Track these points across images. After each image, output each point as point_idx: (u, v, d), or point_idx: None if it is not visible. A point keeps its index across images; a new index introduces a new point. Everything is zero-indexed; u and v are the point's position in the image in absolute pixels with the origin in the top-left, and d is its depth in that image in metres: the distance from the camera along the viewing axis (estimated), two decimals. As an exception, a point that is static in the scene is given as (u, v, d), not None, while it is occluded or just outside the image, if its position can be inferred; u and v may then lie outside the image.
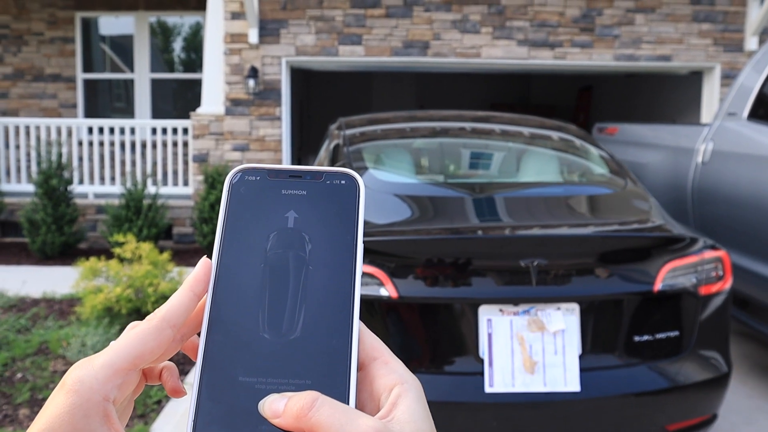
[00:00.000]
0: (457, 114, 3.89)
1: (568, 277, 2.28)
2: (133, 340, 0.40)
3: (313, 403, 0.36)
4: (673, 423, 2.32)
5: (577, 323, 2.23)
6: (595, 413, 2.23)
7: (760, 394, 3.54)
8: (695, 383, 2.34)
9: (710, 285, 2.41)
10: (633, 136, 5.16)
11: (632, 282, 2.32)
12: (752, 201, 3.48)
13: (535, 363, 2.17)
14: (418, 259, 2.29)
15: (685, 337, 2.38)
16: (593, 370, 2.22)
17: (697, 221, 4.10)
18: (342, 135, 3.30)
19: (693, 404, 2.38)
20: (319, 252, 0.42)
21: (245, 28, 6.96)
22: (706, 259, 2.42)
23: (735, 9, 7.16)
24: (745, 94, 3.90)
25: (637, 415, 2.28)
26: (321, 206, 0.44)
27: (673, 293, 2.34)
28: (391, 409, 0.38)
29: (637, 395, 2.25)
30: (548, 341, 2.19)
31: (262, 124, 7.10)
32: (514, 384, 2.16)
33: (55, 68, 8.91)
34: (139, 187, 6.63)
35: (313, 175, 0.45)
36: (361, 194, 0.44)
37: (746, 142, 3.69)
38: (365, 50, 7.00)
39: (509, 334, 2.19)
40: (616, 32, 7.14)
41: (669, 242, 2.42)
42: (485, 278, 2.27)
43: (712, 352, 2.44)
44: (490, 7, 7.04)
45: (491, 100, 12.82)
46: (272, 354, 0.39)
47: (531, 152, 3.35)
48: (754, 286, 3.51)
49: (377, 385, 0.39)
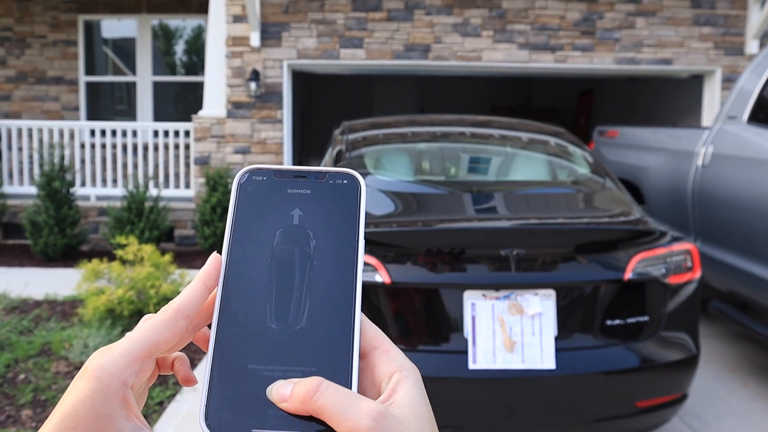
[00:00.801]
0: (455, 119, 4.04)
1: (545, 266, 2.51)
2: (150, 330, 0.42)
3: (318, 387, 0.38)
4: (643, 400, 2.50)
5: (553, 307, 2.44)
6: (569, 389, 2.44)
7: (762, 397, 3.55)
8: (663, 364, 2.54)
9: (679, 275, 2.61)
10: (633, 139, 5.17)
11: (604, 271, 2.53)
12: (752, 204, 3.50)
13: (515, 343, 2.38)
14: (409, 248, 2.52)
15: (655, 322, 2.56)
16: (568, 350, 2.43)
17: (698, 224, 4.11)
18: (345, 140, 3.47)
19: (662, 383, 2.56)
20: (323, 247, 0.44)
21: (247, 32, 6.99)
22: (674, 251, 2.61)
23: (736, 12, 7.18)
24: (744, 97, 3.91)
25: (609, 392, 2.49)
26: (324, 204, 0.46)
27: (642, 281, 2.54)
28: (391, 394, 0.40)
29: (608, 373, 2.46)
30: (526, 323, 2.40)
31: (264, 127, 7.12)
32: (495, 361, 2.37)
33: (58, 71, 8.94)
34: (140, 190, 6.65)
35: (317, 175, 0.47)
36: (362, 193, 0.47)
37: (746, 146, 3.70)
38: (366, 53, 7.03)
39: (491, 316, 2.40)
40: (617, 36, 7.16)
41: (639, 235, 2.62)
42: (470, 266, 2.49)
43: (681, 336, 2.63)
44: (491, 10, 7.06)
45: (492, 103, 12.84)
46: (279, 343, 0.42)
47: (519, 155, 3.58)
48: (754, 288, 3.52)
49: (378, 372, 0.42)
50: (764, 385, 3.70)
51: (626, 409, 2.51)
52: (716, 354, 4.19)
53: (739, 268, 3.63)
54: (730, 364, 4.03)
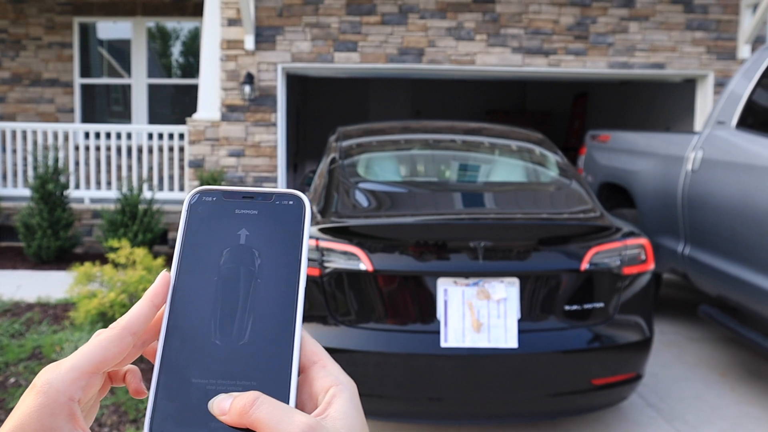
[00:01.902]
0: (443, 125, 4.27)
1: (510, 256, 2.80)
2: (97, 347, 0.44)
3: (254, 402, 0.40)
4: (598, 378, 2.78)
5: (516, 293, 2.73)
6: (529, 366, 2.73)
7: (749, 401, 3.57)
8: (616, 345, 2.84)
9: (633, 266, 2.89)
10: (624, 143, 5.20)
11: (563, 261, 2.82)
12: (739, 209, 3.52)
13: (482, 324, 2.67)
14: (390, 240, 2.83)
15: (610, 308, 2.86)
16: (529, 332, 2.73)
17: (687, 228, 4.13)
18: (338, 147, 3.69)
19: (616, 363, 2.84)
20: (268, 266, 0.46)
21: (241, 35, 7.01)
22: (629, 245, 2.90)
23: (728, 17, 7.21)
24: (733, 102, 3.94)
25: (566, 369, 2.78)
26: (270, 225, 0.48)
27: (598, 271, 2.83)
28: (326, 408, 0.42)
29: (565, 352, 2.75)
30: (492, 307, 2.69)
31: (258, 130, 7.13)
32: (464, 340, 2.67)
33: (53, 73, 8.94)
34: (134, 193, 6.65)
35: (264, 196, 0.49)
36: (306, 214, 0.48)
37: (734, 151, 3.73)
38: (361, 57, 7.05)
39: (461, 301, 2.69)
40: (610, 40, 7.19)
41: (595, 230, 2.90)
42: (443, 256, 2.78)
43: (634, 321, 2.91)
44: (485, 14, 7.09)
45: (487, 107, 12.88)
46: (223, 358, 0.43)
47: (497, 159, 3.92)
48: (742, 293, 3.54)
49: (316, 386, 0.44)
50: (752, 390, 3.72)
51: (582, 386, 2.78)
52: (705, 358, 4.22)
53: (728, 273, 3.65)
54: (719, 368, 4.05)
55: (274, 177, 7.22)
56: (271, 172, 7.20)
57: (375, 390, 2.71)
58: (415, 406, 2.76)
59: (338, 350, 2.72)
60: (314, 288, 2.80)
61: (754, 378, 3.90)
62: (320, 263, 2.77)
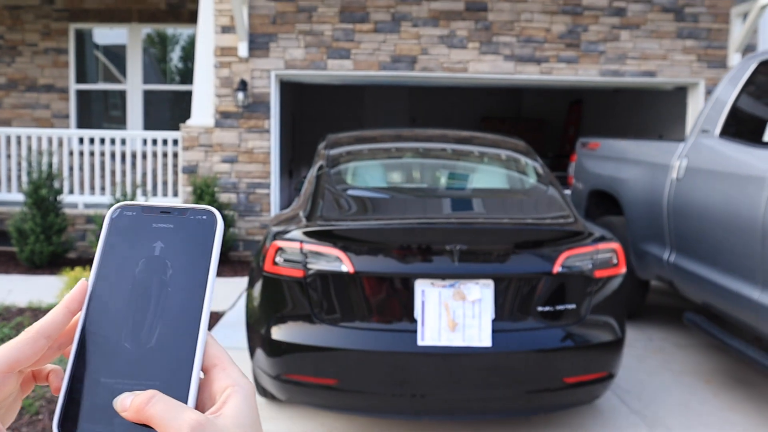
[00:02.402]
0: (433, 134, 4.39)
1: (484, 259, 2.92)
2: (11, 348, 0.47)
3: (150, 399, 0.43)
4: (571, 377, 2.89)
5: (491, 295, 2.83)
6: (503, 364, 2.83)
7: (731, 407, 3.59)
8: (588, 345, 2.94)
9: (604, 270, 3.00)
10: (613, 151, 5.23)
11: (535, 264, 2.92)
12: (722, 217, 3.55)
13: (457, 324, 2.78)
14: (370, 243, 2.95)
15: (581, 309, 2.96)
16: (503, 332, 2.83)
17: (672, 236, 4.17)
18: (326, 155, 3.80)
19: (587, 362, 2.94)
20: (178, 276, 0.50)
21: (235, 42, 7.05)
22: (600, 249, 3.00)
23: (718, 26, 7.27)
24: (717, 111, 3.98)
25: (539, 368, 2.88)
26: (184, 238, 0.51)
27: (570, 275, 2.94)
28: (221, 406, 0.45)
29: (538, 351, 2.86)
30: (468, 308, 2.80)
31: (251, 137, 7.17)
32: (440, 339, 2.78)
33: (49, 79, 8.98)
34: (128, 198, 6.68)
35: (180, 212, 0.53)
36: (218, 228, 0.52)
37: (717, 160, 3.76)
38: (354, 64, 7.09)
39: (438, 301, 2.81)
40: (601, 48, 7.24)
41: (568, 235, 3.01)
42: (421, 258, 2.90)
43: (606, 322, 3.01)
44: (477, 22, 7.14)
45: (482, 114, 12.93)
46: (131, 360, 0.47)
47: (479, 167, 4.06)
48: (725, 300, 3.57)
49: (215, 387, 0.47)
50: (736, 396, 3.74)
51: (555, 384, 2.88)
52: (691, 365, 4.24)
53: (711, 281, 3.68)
54: (705, 374, 4.08)
55: (268, 183, 7.25)
56: (264, 178, 7.23)
57: (356, 386, 2.83)
58: (394, 401, 2.87)
59: (321, 348, 2.83)
60: (298, 289, 2.89)
61: (739, 385, 3.92)
62: (304, 265, 2.87)
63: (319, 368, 2.85)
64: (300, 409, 3.44)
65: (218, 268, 6.78)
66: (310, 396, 2.92)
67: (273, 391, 3.04)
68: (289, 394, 2.95)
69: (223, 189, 7.18)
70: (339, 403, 2.92)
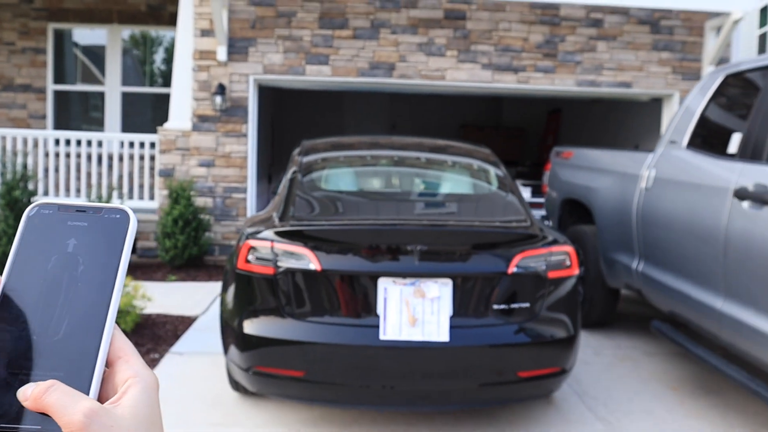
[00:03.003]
0: (403, 141, 4.57)
1: (443, 259, 3.09)
2: None
3: (48, 389, 0.45)
4: (524, 371, 3.04)
5: (449, 293, 2.98)
6: (459, 358, 2.99)
7: (695, 415, 3.64)
8: (541, 342, 3.11)
9: (558, 271, 3.15)
10: (586, 160, 5.29)
11: (491, 265, 3.08)
12: (687, 227, 3.61)
13: (416, 319, 2.94)
14: (336, 242, 3.13)
15: (535, 307, 3.11)
16: (460, 327, 2.98)
17: (641, 245, 4.22)
18: (300, 160, 3.94)
19: (540, 358, 3.11)
20: (88, 272, 0.52)
21: (214, 46, 7.04)
22: (554, 251, 3.16)
23: (693, 39, 7.39)
24: (685, 123, 4.05)
25: (494, 362, 3.06)
26: (97, 235, 0.53)
27: (524, 275, 3.09)
28: (121, 396, 0.47)
29: (492, 346, 3.03)
30: (427, 305, 2.95)
31: (229, 141, 7.15)
32: (400, 334, 2.93)
33: (26, 78, 8.89)
34: (103, 200, 6.62)
35: (95, 210, 0.54)
36: (130, 227, 0.54)
37: (683, 170, 3.83)
38: (332, 70, 7.11)
39: (399, 298, 2.96)
40: (578, 58, 7.33)
41: (523, 238, 3.18)
42: (384, 258, 3.06)
43: (559, 320, 3.16)
44: (456, 31, 7.19)
45: (462, 121, 13.00)
46: (38, 352, 0.49)
47: (443, 172, 4.25)
48: (689, 308, 3.63)
49: (118, 378, 0.49)
50: (701, 404, 3.79)
51: (509, 378, 3.04)
52: (659, 372, 4.29)
53: (677, 290, 3.74)
54: (672, 382, 4.13)
55: (244, 188, 7.23)
56: (241, 182, 7.21)
57: (322, 378, 2.98)
58: (358, 392, 3.03)
59: (289, 342, 2.98)
60: (269, 285, 3.05)
61: (705, 393, 3.97)
62: (274, 263, 3.03)
63: (287, 361, 2.99)
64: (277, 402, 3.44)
65: (193, 273, 6.76)
66: (279, 388, 3.06)
67: (244, 383, 3.16)
68: (260, 386, 3.08)
69: (200, 193, 7.15)
70: (306, 394, 3.04)
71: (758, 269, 2.99)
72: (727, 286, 3.24)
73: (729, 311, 3.21)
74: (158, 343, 4.54)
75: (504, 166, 4.09)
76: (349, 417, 3.46)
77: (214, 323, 5.07)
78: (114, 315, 0.50)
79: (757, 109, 3.32)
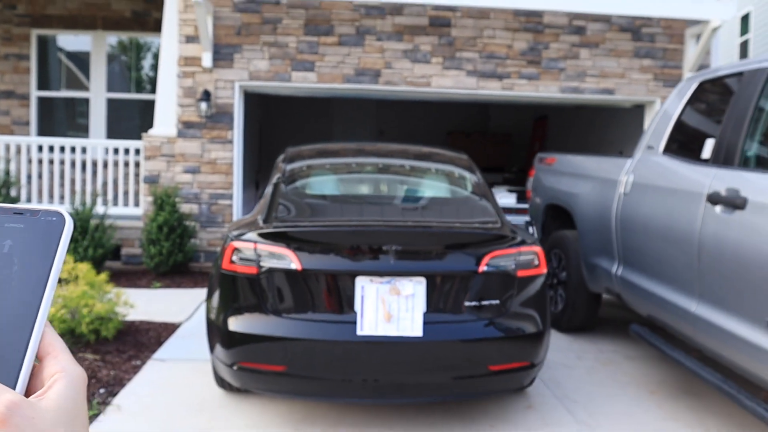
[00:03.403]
0: (385, 148, 4.69)
1: (417, 259, 3.25)
2: None
3: None
4: (495, 365, 3.19)
5: (423, 290, 3.13)
6: (433, 352, 3.13)
7: (673, 417, 3.68)
8: (510, 337, 3.26)
9: (526, 270, 3.31)
10: (568, 166, 5.35)
11: (463, 264, 3.23)
12: (663, 232, 3.66)
13: (392, 316, 3.08)
14: (316, 243, 3.27)
15: (505, 304, 3.26)
16: (433, 323, 3.12)
17: (620, 249, 4.27)
18: (283, 167, 4.08)
19: (510, 352, 3.26)
20: (23, 272, 0.54)
21: (199, 52, 7.05)
22: (522, 251, 3.32)
23: (674, 46, 7.49)
24: (662, 129, 4.11)
25: (466, 356, 3.18)
26: (32, 237, 0.55)
27: (495, 273, 3.24)
28: (46, 390, 0.49)
29: (464, 341, 3.17)
30: (402, 302, 3.10)
31: (214, 147, 7.15)
32: (377, 329, 3.07)
33: (9, 85, 8.86)
34: (86, 207, 6.60)
35: (32, 213, 0.56)
36: (65, 229, 0.56)
37: (659, 175, 3.88)
38: (318, 77, 7.14)
39: (376, 296, 3.10)
40: (561, 65, 7.40)
41: (493, 238, 3.34)
42: (361, 257, 3.20)
43: (528, 317, 3.31)
44: (441, 38, 7.25)
45: (449, 128, 13.06)
46: None
47: (420, 178, 4.45)
48: (665, 312, 3.67)
49: (45, 373, 0.51)
50: (679, 407, 3.84)
51: (480, 371, 3.18)
52: (638, 376, 4.33)
53: (654, 293, 3.79)
54: (650, 385, 4.17)
55: (230, 194, 7.23)
56: (226, 189, 7.22)
57: (302, 372, 3.09)
58: (336, 386, 3.14)
59: (271, 338, 3.10)
60: (252, 284, 3.19)
61: (682, 395, 4.02)
62: (257, 263, 3.18)
63: (269, 356, 3.11)
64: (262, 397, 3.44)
65: (179, 280, 6.75)
66: (261, 382, 3.17)
67: (229, 379, 3.27)
68: (243, 381, 3.20)
69: (185, 199, 7.15)
70: (287, 388, 3.16)
71: (729, 273, 3.04)
72: (701, 289, 3.29)
73: (702, 314, 3.26)
74: (141, 350, 4.53)
75: (480, 172, 4.22)
76: (331, 420, 3.47)
77: (198, 330, 5.07)
78: (45, 313, 0.52)
79: (729, 114, 3.38)
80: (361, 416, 3.55)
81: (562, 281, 5.21)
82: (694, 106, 3.92)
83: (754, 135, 3.20)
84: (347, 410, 3.61)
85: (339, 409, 3.63)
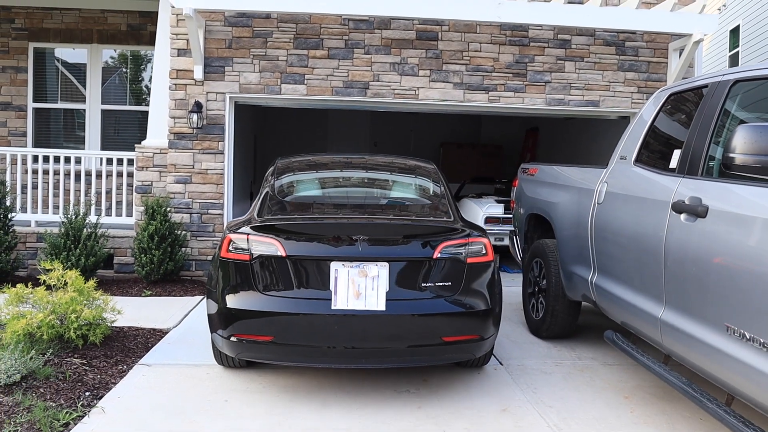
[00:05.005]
0: (363, 159, 5.26)
1: (382, 247, 3.82)
2: None
3: None
4: (448, 336, 3.74)
5: (386, 273, 3.74)
6: (394, 324, 3.69)
7: (645, 421, 3.77)
8: (460, 313, 3.81)
9: (475, 258, 3.93)
10: (548, 176, 5.46)
11: (420, 251, 3.84)
12: (633, 240, 3.77)
13: (360, 294, 3.69)
14: (299, 233, 3.90)
15: (456, 285, 3.86)
16: (395, 300, 3.72)
17: (594, 257, 4.38)
18: (273, 175, 4.80)
19: (461, 326, 3.81)
20: None
21: (191, 65, 7.19)
22: (471, 242, 3.95)
23: (657, 60, 7.64)
24: (634, 139, 4.23)
25: (423, 328, 3.73)
26: None
27: (447, 259, 3.86)
28: None
29: (421, 315, 3.73)
30: (369, 282, 3.72)
31: (205, 158, 7.28)
32: (347, 305, 3.67)
33: (6, 97, 9.00)
34: (79, 216, 6.71)
35: None
36: None
37: (630, 185, 4.00)
38: (307, 89, 7.28)
39: (347, 278, 3.71)
40: (547, 78, 7.54)
41: (446, 231, 3.99)
42: (335, 246, 3.79)
43: (476, 296, 3.88)
44: (428, 51, 7.39)
45: (442, 139, 13.20)
46: None
47: (392, 184, 5.07)
48: (636, 318, 3.77)
49: None
50: (650, 411, 3.92)
51: (435, 341, 3.72)
52: (614, 381, 4.42)
53: (626, 300, 3.89)
54: (625, 390, 4.26)
55: (221, 204, 7.35)
56: (217, 198, 7.33)
57: (285, 340, 3.64)
58: (314, 352, 3.66)
59: (261, 313, 3.67)
60: (245, 269, 3.79)
61: (655, 400, 4.11)
62: (249, 251, 3.80)
63: (259, 328, 3.67)
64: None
65: (169, 288, 6.85)
66: (252, 351, 3.72)
67: (225, 350, 3.84)
68: (237, 350, 3.76)
69: (177, 209, 7.26)
70: (274, 355, 3.70)
71: (691, 279, 3.14)
72: (667, 296, 3.39)
73: (668, 319, 3.36)
74: (127, 355, 4.63)
75: (444, 178, 4.94)
76: (309, 423, 3.56)
77: (186, 336, 5.16)
78: None
79: (694, 125, 3.50)
80: (341, 418, 3.64)
81: (543, 289, 5.31)
82: (663, 117, 4.04)
83: (717, 145, 3.32)
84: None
85: (320, 401, 3.72)
